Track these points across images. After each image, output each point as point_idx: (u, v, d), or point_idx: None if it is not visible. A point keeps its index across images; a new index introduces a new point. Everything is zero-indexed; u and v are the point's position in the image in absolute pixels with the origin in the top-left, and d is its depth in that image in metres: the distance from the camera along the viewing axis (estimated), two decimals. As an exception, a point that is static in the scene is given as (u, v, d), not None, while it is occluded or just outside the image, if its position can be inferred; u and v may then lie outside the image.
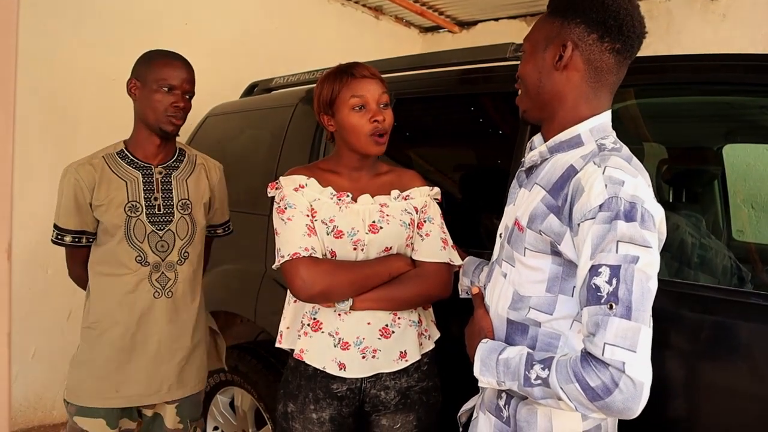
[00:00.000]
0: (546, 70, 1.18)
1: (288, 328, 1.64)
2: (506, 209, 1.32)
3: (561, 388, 1.00)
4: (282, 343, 1.64)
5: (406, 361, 1.57)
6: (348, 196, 1.58)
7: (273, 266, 1.55)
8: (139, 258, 1.81)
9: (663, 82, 1.66)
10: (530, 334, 1.17)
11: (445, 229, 1.65)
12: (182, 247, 1.88)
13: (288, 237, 1.52)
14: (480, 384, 1.19)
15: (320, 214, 1.55)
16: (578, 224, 1.05)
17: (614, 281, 0.97)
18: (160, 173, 1.87)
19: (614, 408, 0.95)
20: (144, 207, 1.82)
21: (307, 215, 1.54)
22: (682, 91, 1.76)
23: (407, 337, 1.58)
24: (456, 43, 5.20)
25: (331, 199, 1.57)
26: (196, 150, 2.03)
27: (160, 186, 1.86)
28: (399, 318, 1.58)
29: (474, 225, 2.07)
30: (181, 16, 3.59)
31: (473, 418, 1.37)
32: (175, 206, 1.87)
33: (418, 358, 1.59)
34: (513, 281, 1.22)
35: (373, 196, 1.60)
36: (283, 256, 1.51)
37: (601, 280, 0.98)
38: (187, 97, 1.83)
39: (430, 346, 1.65)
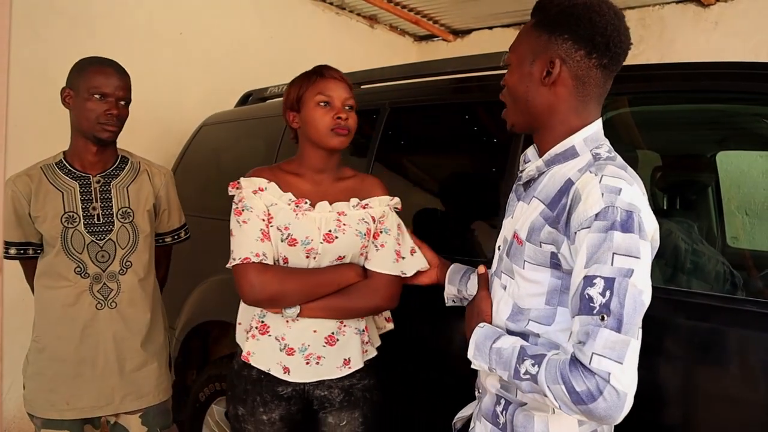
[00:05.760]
0: (534, 84, 1.17)
1: (240, 324, 1.67)
2: (504, 222, 1.32)
3: (548, 387, 1.01)
4: (237, 337, 1.68)
5: (349, 368, 1.60)
6: (306, 202, 1.58)
7: (226, 266, 1.56)
8: (79, 269, 1.77)
9: (656, 90, 1.67)
10: (529, 342, 1.17)
11: (402, 241, 1.65)
12: (124, 256, 1.83)
13: (241, 240, 1.53)
14: (472, 366, 1.19)
15: (276, 220, 1.55)
16: (575, 233, 1.05)
17: (608, 293, 0.98)
18: (98, 182, 1.82)
19: (596, 414, 0.96)
20: (82, 217, 1.78)
21: (263, 219, 1.55)
22: (675, 99, 1.77)
23: (351, 345, 1.60)
24: (450, 52, 5.22)
25: (289, 205, 1.57)
26: (140, 156, 1.97)
27: (98, 195, 1.82)
28: (345, 326, 1.60)
29: (466, 234, 2.06)
30: (176, 26, 3.59)
31: (471, 428, 1.36)
32: (115, 215, 1.82)
33: (361, 365, 1.61)
34: (512, 294, 1.21)
35: (331, 203, 1.60)
36: (234, 259, 1.52)
37: (594, 291, 0.99)
38: (122, 104, 1.78)
39: (373, 353, 1.67)
